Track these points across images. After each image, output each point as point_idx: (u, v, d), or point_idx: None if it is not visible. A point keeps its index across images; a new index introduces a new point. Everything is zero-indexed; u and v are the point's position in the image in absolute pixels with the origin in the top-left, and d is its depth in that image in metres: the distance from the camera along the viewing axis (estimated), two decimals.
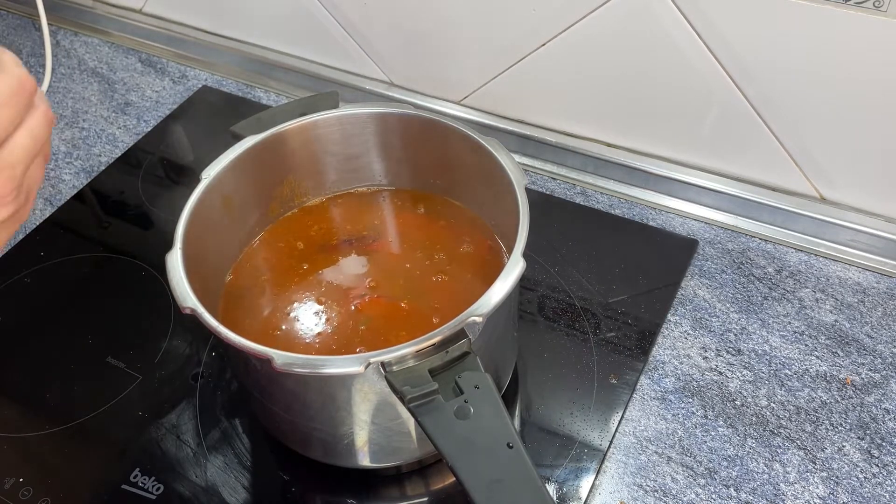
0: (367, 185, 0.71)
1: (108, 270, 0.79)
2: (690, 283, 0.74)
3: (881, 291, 0.73)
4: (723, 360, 0.68)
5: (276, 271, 0.66)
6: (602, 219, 0.81)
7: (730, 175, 0.79)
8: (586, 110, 0.82)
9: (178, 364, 0.69)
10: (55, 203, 0.86)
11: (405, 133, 0.66)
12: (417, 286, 0.63)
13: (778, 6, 0.65)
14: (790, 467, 0.61)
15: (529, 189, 0.69)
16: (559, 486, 0.60)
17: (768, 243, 0.77)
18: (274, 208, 0.68)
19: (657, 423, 0.64)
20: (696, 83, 0.73)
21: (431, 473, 0.62)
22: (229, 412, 0.66)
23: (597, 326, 0.70)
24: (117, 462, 0.63)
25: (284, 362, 0.48)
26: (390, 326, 0.60)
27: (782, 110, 0.72)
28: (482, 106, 0.88)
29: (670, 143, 0.80)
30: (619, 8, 0.72)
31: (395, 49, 0.88)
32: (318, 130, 0.66)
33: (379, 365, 0.47)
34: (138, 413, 0.66)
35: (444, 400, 0.46)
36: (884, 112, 0.68)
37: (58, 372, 0.70)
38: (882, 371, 0.67)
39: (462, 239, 0.66)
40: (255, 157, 0.63)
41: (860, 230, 0.74)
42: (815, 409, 0.64)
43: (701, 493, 0.60)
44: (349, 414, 0.54)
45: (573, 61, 0.78)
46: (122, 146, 0.92)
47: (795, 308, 0.71)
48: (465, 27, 0.81)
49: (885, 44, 0.63)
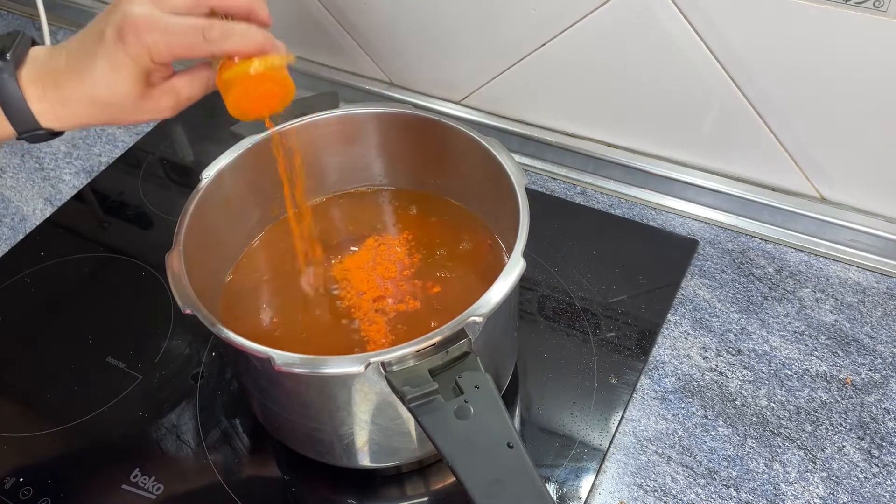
0: (367, 185, 0.71)
1: (108, 270, 0.78)
2: (690, 283, 0.74)
3: (881, 291, 0.73)
4: (723, 360, 0.68)
5: (276, 271, 0.66)
6: (602, 219, 0.81)
7: (730, 175, 0.79)
8: (586, 110, 0.82)
9: (178, 364, 0.69)
10: (55, 203, 0.86)
11: (405, 133, 0.66)
12: (417, 286, 0.63)
13: (778, 6, 0.65)
14: (790, 467, 0.61)
15: (529, 189, 0.69)
16: (559, 486, 0.60)
17: (768, 243, 0.77)
18: (274, 208, 0.68)
19: (657, 423, 0.64)
20: (696, 83, 0.73)
21: (431, 473, 0.62)
22: (229, 412, 0.66)
23: (597, 326, 0.70)
24: (117, 462, 0.63)
25: (284, 362, 0.48)
26: (390, 326, 0.60)
27: (782, 110, 0.72)
28: (482, 106, 0.88)
29: (670, 143, 0.80)
30: (619, 8, 0.72)
31: (395, 49, 0.88)
32: (318, 130, 0.66)
33: (379, 365, 0.47)
34: (138, 413, 0.66)
35: (445, 400, 0.46)
36: (884, 112, 0.68)
37: (58, 372, 0.70)
38: (882, 371, 0.67)
39: (462, 239, 0.66)
40: (255, 157, 0.63)
41: (860, 230, 0.74)
42: (815, 409, 0.64)
43: (701, 493, 0.60)
44: (349, 414, 0.54)
45: (573, 61, 0.78)
46: (122, 146, 0.92)
47: (795, 308, 0.71)
48: (465, 27, 0.81)
49: (885, 44, 0.63)
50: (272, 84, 0.50)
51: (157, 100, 0.50)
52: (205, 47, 0.47)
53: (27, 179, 0.89)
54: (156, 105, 0.50)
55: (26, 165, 0.90)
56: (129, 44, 0.46)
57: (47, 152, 0.92)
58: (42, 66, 0.49)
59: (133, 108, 0.50)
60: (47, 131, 0.51)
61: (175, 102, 0.51)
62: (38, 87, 0.49)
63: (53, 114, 0.50)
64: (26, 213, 0.85)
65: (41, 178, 0.89)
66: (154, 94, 0.50)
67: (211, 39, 0.47)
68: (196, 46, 0.47)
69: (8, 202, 0.86)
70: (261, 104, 0.51)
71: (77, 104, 0.49)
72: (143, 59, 0.47)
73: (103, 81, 0.48)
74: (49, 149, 0.92)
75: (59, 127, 0.51)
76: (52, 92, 0.49)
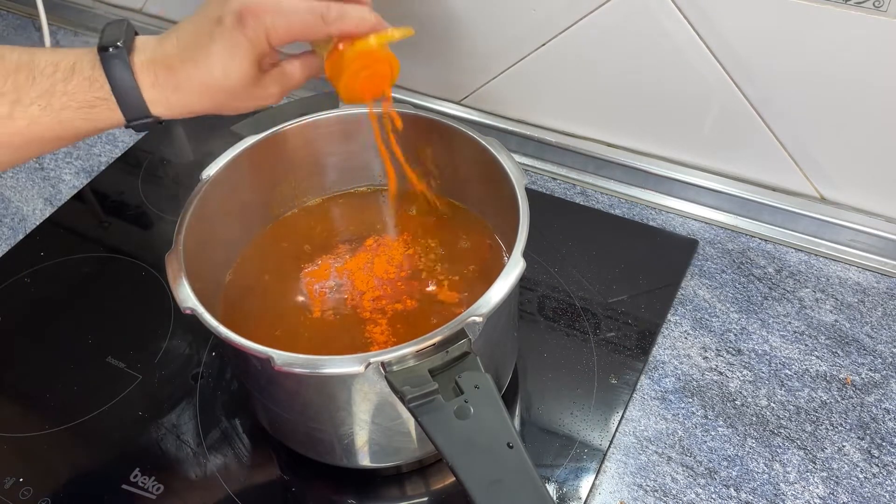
0: (367, 185, 0.71)
1: (108, 270, 0.78)
2: (690, 283, 0.74)
3: (881, 291, 0.73)
4: (723, 360, 0.68)
5: (276, 271, 0.66)
6: (602, 219, 0.81)
7: (730, 175, 0.79)
8: (586, 110, 0.82)
9: (178, 364, 0.69)
10: (55, 203, 0.86)
11: (405, 133, 0.66)
12: (416, 286, 0.63)
13: (778, 6, 0.65)
14: (790, 467, 0.61)
15: (529, 189, 0.69)
16: (559, 486, 0.60)
17: (768, 243, 0.77)
18: (274, 208, 0.68)
19: (657, 423, 0.64)
20: (696, 83, 0.73)
21: (431, 473, 0.62)
22: (229, 412, 0.66)
23: (597, 326, 0.70)
24: (117, 462, 0.63)
25: (284, 362, 0.48)
26: (390, 326, 0.60)
27: (782, 110, 0.72)
28: (482, 106, 0.88)
29: (670, 143, 0.80)
30: (619, 8, 0.72)
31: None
32: (318, 130, 0.66)
33: (379, 365, 0.47)
34: (138, 413, 0.66)
35: (445, 400, 0.46)
36: (884, 112, 0.68)
37: (58, 372, 0.70)
38: (882, 371, 0.67)
39: (462, 239, 0.66)
40: (255, 157, 0.63)
41: (860, 230, 0.74)
42: (815, 409, 0.64)
43: (701, 493, 0.60)
44: (349, 414, 0.54)
45: (573, 61, 0.78)
46: (122, 146, 0.92)
47: (795, 308, 0.71)
48: (465, 27, 0.81)
49: (885, 44, 0.63)
50: (383, 63, 0.53)
51: (266, 86, 0.52)
52: (322, 28, 0.49)
53: (27, 179, 0.89)
54: (265, 91, 0.52)
55: (26, 165, 0.90)
56: (249, 27, 0.47)
57: None
58: (153, 52, 0.50)
59: (244, 94, 0.51)
60: (155, 119, 0.51)
61: (282, 89, 0.53)
62: (151, 74, 0.49)
63: (165, 101, 0.50)
64: (26, 213, 0.85)
65: (41, 178, 0.89)
66: (265, 80, 0.51)
67: (329, 20, 0.49)
68: (314, 27, 0.49)
69: (8, 202, 0.86)
70: (370, 85, 0.54)
71: (189, 90, 0.50)
72: (261, 42, 0.48)
73: (220, 65, 0.49)
74: None
75: (167, 115, 0.51)
76: (166, 78, 0.49)
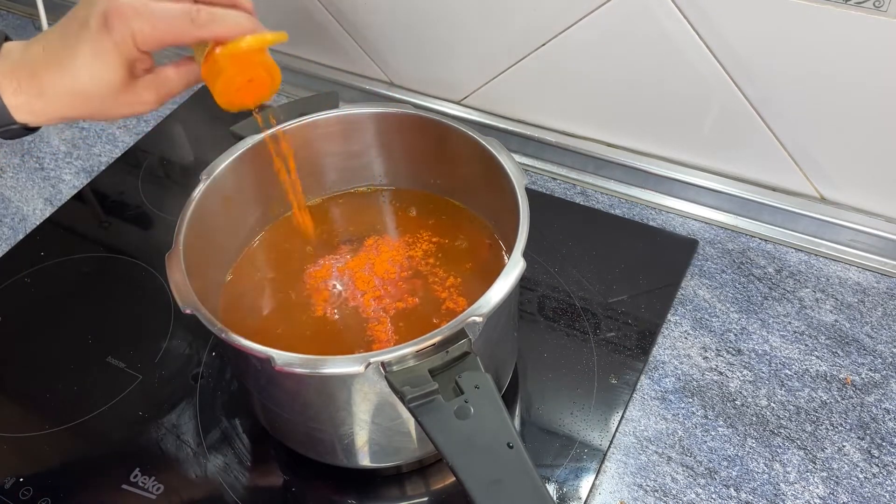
0: (367, 185, 0.71)
1: (108, 270, 0.78)
2: (690, 283, 0.74)
3: (881, 291, 0.73)
4: (723, 360, 0.68)
5: (275, 271, 0.66)
6: (602, 219, 0.81)
7: (730, 175, 0.79)
8: (586, 110, 0.82)
9: (178, 364, 0.69)
10: (55, 203, 0.86)
11: (405, 133, 0.66)
12: (417, 286, 0.63)
13: (778, 6, 0.65)
14: (790, 467, 0.61)
15: (529, 189, 0.69)
16: (559, 486, 0.60)
17: (768, 243, 0.77)
18: (274, 208, 0.68)
19: (657, 423, 0.64)
20: (696, 83, 0.73)
21: (432, 473, 0.62)
22: (229, 412, 0.66)
23: (597, 326, 0.70)
24: (117, 462, 0.63)
25: (284, 362, 0.48)
26: (391, 326, 0.60)
27: (782, 110, 0.72)
28: (482, 106, 0.88)
29: (670, 143, 0.80)
30: (619, 8, 0.72)
31: (395, 49, 0.88)
32: (318, 130, 0.66)
33: (379, 365, 0.47)
34: (138, 413, 0.66)
35: (445, 400, 0.46)
36: (884, 112, 0.68)
37: (58, 372, 0.70)
38: (882, 371, 0.67)
39: (462, 238, 0.66)
40: (255, 157, 0.63)
41: (860, 230, 0.74)
42: (815, 409, 0.64)
43: (701, 493, 0.60)
44: (349, 414, 0.54)
45: (573, 61, 0.78)
46: (122, 146, 0.92)
47: (795, 308, 0.71)
48: (465, 27, 0.81)
49: (885, 44, 0.63)
50: (260, 69, 0.49)
51: (139, 93, 0.49)
52: (192, 32, 0.46)
53: (27, 179, 0.89)
54: (138, 98, 0.49)
55: (26, 165, 0.90)
56: (115, 30, 0.45)
57: (47, 152, 0.92)
58: (17, 58, 0.48)
59: (114, 101, 0.49)
60: (21, 126, 0.49)
61: (157, 96, 0.50)
62: (13, 81, 0.48)
63: (28, 107, 0.48)
64: (26, 213, 0.85)
65: (41, 178, 0.89)
66: (136, 86, 0.49)
67: (199, 23, 0.46)
68: (183, 31, 0.46)
69: (8, 202, 0.86)
70: (249, 92, 0.50)
71: (55, 96, 0.48)
72: (128, 47, 0.46)
73: (86, 70, 0.47)
74: (49, 149, 0.92)
75: (34, 121, 0.49)
76: (29, 84, 0.48)
